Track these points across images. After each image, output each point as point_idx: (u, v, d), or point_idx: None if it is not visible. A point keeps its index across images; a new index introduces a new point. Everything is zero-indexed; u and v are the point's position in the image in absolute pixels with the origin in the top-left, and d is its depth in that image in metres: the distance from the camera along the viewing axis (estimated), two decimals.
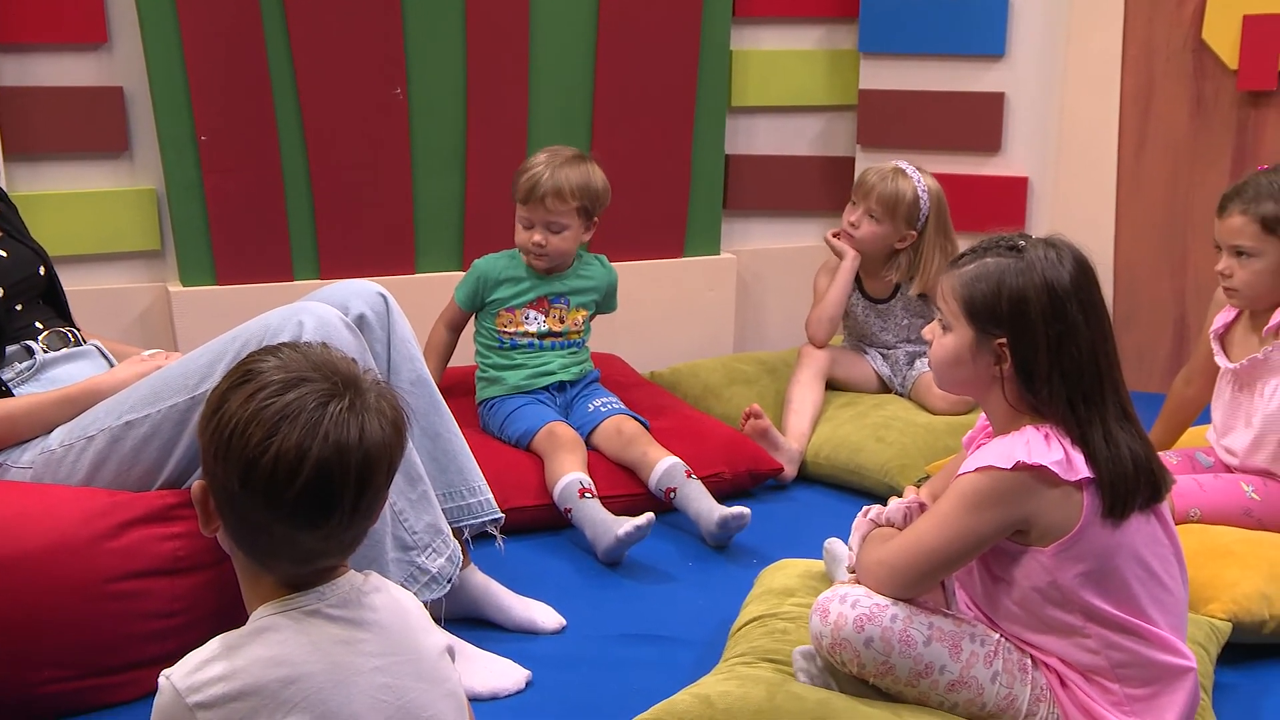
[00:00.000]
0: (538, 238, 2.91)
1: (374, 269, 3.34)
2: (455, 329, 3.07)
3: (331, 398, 1.34)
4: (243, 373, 1.37)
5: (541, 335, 2.99)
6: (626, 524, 2.53)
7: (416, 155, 3.45)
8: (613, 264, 3.13)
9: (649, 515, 2.54)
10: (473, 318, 3.06)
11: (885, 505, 1.90)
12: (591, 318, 3.08)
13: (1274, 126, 3.46)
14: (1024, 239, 1.79)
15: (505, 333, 2.99)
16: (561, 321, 3.01)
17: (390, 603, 1.43)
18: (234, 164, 3.28)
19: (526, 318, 2.99)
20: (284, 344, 1.43)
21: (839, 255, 3.24)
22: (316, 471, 1.31)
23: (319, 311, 2.08)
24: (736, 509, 2.63)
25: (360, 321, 2.17)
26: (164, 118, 3.23)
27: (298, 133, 3.33)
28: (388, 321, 2.22)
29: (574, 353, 3.03)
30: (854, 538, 1.89)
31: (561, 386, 3.00)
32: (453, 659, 1.48)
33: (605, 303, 3.10)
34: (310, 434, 1.31)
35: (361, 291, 2.21)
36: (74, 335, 2.37)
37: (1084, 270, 1.77)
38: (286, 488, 1.31)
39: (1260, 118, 3.47)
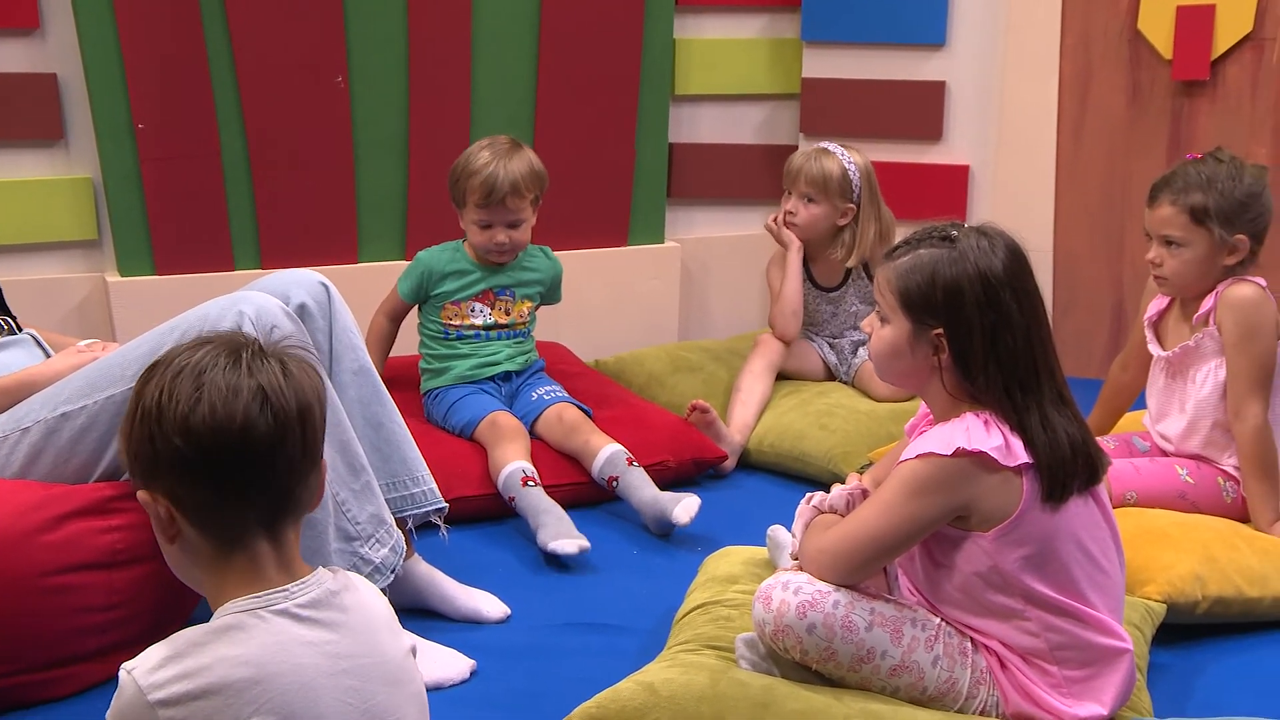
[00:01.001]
0: (501, 237, 2.90)
1: (316, 258, 3.30)
2: (396, 320, 3.05)
3: (240, 349, 1.37)
4: (148, 367, 1.39)
5: (488, 327, 2.98)
6: (563, 543, 2.50)
7: (358, 144, 3.42)
8: (557, 253, 3.13)
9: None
10: (415, 308, 3.04)
11: (828, 492, 1.92)
12: (536, 308, 3.07)
13: (1207, 115, 3.51)
14: (956, 229, 1.80)
15: (451, 325, 2.98)
16: (507, 314, 3.00)
17: (359, 603, 1.42)
18: (173, 152, 3.24)
19: (473, 311, 2.97)
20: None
21: (783, 245, 3.25)
22: (256, 404, 1.32)
23: (259, 301, 2.06)
24: (688, 505, 2.62)
25: (301, 311, 2.15)
26: (100, 105, 3.18)
27: (237, 120, 3.29)
28: (329, 311, 2.21)
29: (519, 343, 3.03)
30: (797, 525, 1.90)
31: (507, 376, 3.00)
32: (414, 657, 1.48)
33: (550, 294, 3.10)
34: (233, 374, 1.33)
35: (302, 280, 2.20)
36: (8, 324, 2.33)
37: (1017, 258, 1.79)
38: (228, 427, 1.31)
39: (1194, 107, 3.53)
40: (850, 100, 3.74)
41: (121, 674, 1.30)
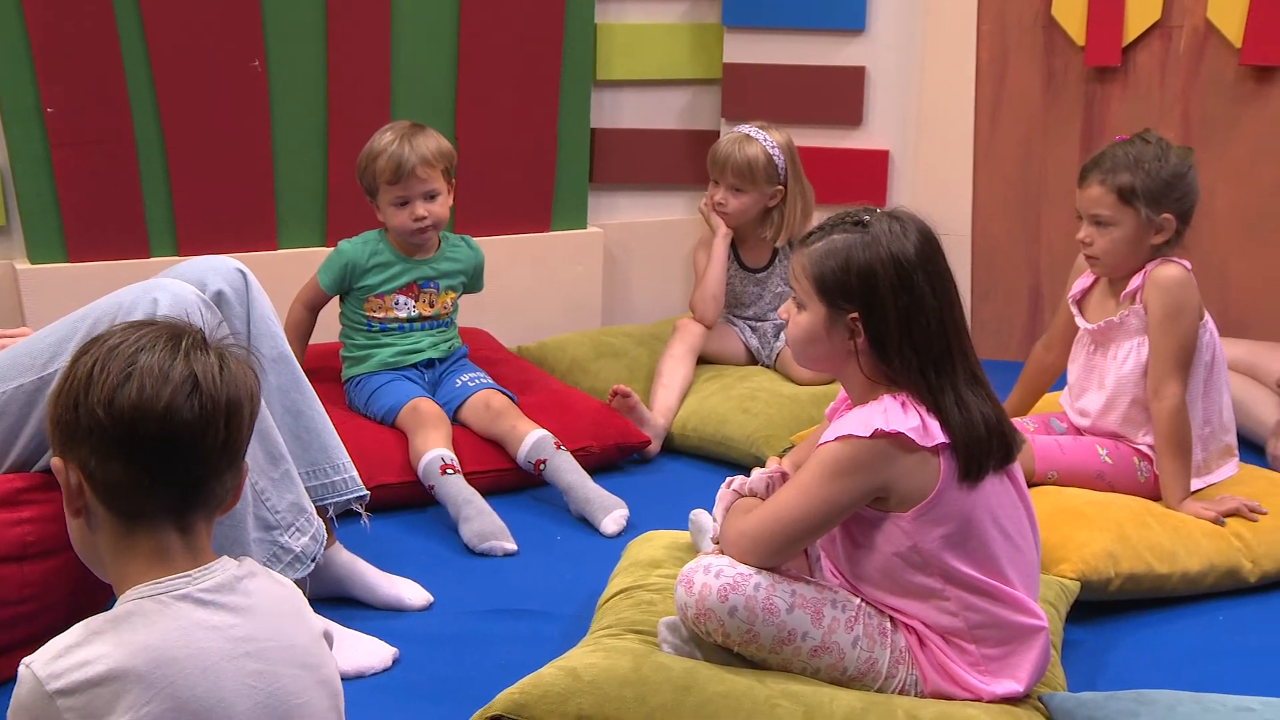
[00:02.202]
0: (420, 211, 2.87)
1: (234, 245, 3.24)
2: (314, 310, 3.01)
3: (182, 335, 1.36)
4: (88, 340, 1.38)
5: (411, 319, 2.96)
6: (492, 545, 2.53)
7: (276, 128, 3.37)
8: (479, 238, 3.11)
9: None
10: (336, 298, 3.01)
11: (749, 476, 1.93)
12: (459, 297, 3.05)
13: (1119, 101, 3.58)
14: (869, 213, 1.82)
15: (374, 317, 2.95)
16: (431, 306, 2.98)
17: (265, 588, 1.41)
18: (84, 136, 3.17)
19: (396, 304, 2.95)
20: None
21: (713, 229, 3.26)
22: (184, 391, 1.31)
23: (174, 289, 2.03)
24: (617, 517, 2.64)
25: (218, 299, 2.12)
26: (5, 88, 3.10)
27: (151, 104, 3.23)
28: (247, 298, 2.18)
29: (442, 331, 3.01)
30: (718, 509, 1.91)
31: (430, 363, 2.98)
32: (330, 645, 1.47)
33: (473, 283, 3.08)
34: (168, 359, 1.32)
35: (219, 268, 2.16)
36: None
37: (928, 241, 1.81)
38: (151, 408, 1.30)
39: (1106, 93, 3.59)
40: (771, 85, 3.75)
41: (20, 668, 1.28)
